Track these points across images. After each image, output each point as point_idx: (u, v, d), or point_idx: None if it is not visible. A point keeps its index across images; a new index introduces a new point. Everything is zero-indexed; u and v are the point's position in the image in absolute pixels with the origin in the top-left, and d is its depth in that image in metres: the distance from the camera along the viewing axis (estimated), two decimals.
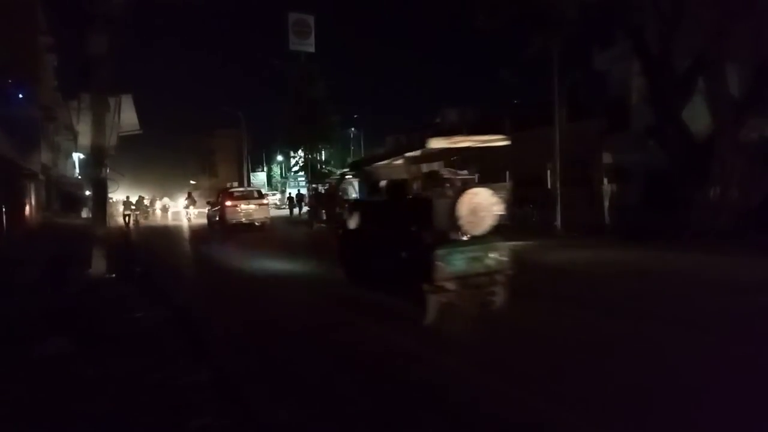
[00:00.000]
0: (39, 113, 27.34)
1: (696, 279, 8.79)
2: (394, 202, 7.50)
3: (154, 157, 78.39)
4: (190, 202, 28.53)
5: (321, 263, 11.08)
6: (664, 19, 14.59)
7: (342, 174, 12.76)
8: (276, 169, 71.42)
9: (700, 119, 14.99)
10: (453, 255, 6.20)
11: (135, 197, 32.02)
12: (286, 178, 63.35)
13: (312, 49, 33.55)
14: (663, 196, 15.05)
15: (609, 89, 22.64)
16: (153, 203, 41.37)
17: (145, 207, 35.97)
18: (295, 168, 52.38)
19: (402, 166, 8.11)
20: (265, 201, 24.79)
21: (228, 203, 22.53)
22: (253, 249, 15.92)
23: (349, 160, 39.28)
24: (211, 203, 26.63)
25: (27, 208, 23.58)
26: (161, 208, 42.46)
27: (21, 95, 25.08)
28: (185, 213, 28.48)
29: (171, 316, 7.30)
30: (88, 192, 27.11)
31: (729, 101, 14.02)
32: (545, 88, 17.25)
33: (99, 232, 10.31)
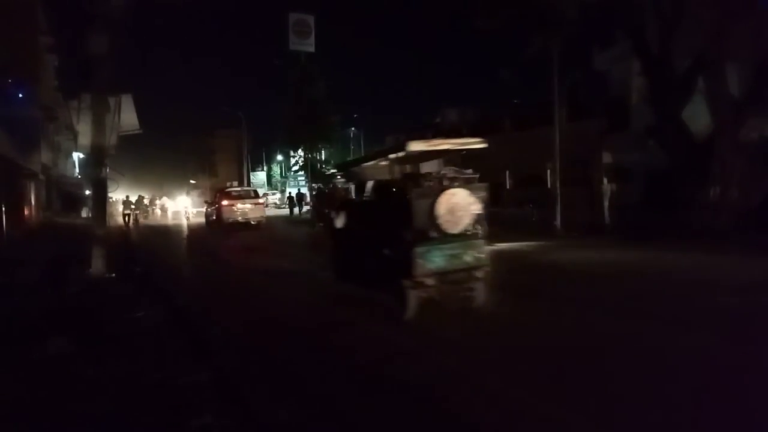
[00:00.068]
0: (39, 113, 27.35)
1: (696, 279, 8.78)
2: (377, 201, 7.74)
3: (154, 157, 78.56)
4: (188, 201, 28.68)
5: (321, 263, 11.06)
6: (664, 19, 14.60)
7: (330, 174, 12.84)
8: (276, 169, 71.48)
9: (700, 119, 14.99)
10: (432, 252, 6.45)
11: (135, 197, 32.09)
12: (286, 177, 63.41)
13: (312, 49, 33.53)
14: (663, 195, 15.05)
15: (609, 89, 22.66)
16: (153, 203, 41.46)
17: (145, 206, 36.08)
18: (295, 168, 52.40)
19: (386, 167, 8.30)
20: (261, 201, 25.31)
21: (224, 203, 22.84)
22: (254, 249, 15.92)
23: (349, 159, 39.31)
24: (209, 202, 26.83)
25: (27, 207, 23.60)
26: (161, 207, 42.52)
27: (21, 95, 25.10)
28: (184, 212, 28.63)
29: (171, 315, 7.31)
30: (88, 192, 27.15)
31: (729, 101, 14.03)
32: (545, 88, 17.23)
33: (99, 231, 10.31)
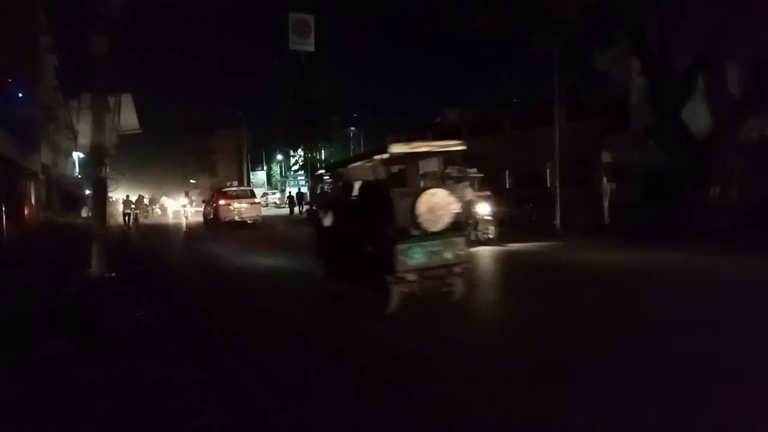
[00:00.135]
0: (39, 113, 27.38)
1: (696, 278, 8.79)
2: (362, 201, 8.10)
3: (153, 157, 78.51)
4: (187, 201, 28.88)
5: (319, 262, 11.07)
6: (664, 19, 14.60)
7: (319, 175, 12.93)
8: (276, 168, 71.49)
9: (699, 118, 14.99)
10: (413, 249, 6.73)
11: (135, 196, 32.10)
12: (285, 177, 63.43)
13: (312, 49, 33.57)
14: (663, 195, 15.06)
15: (609, 89, 22.67)
16: (153, 202, 41.48)
17: (145, 206, 36.09)
18: (295, 167, 52.40)
19: (371, 168, 8.54)
20: (257, 200, 25.95)
21: (221, 202, 23.31)
22: (254, 249, 15.92)
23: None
24: (207, 202, 27.10)
25: (27, 207, 23.60)
26: (160, 207, 42.53)
27: (21, 95, 25.14)
28: (183, 212, 28.82)
29: (171, 315, 7.32)
30: (88, 191, 27.18)
31: (729, 100, 14.03)
32: (545, 88, 17.25)
33: (99, 231, 10.32)
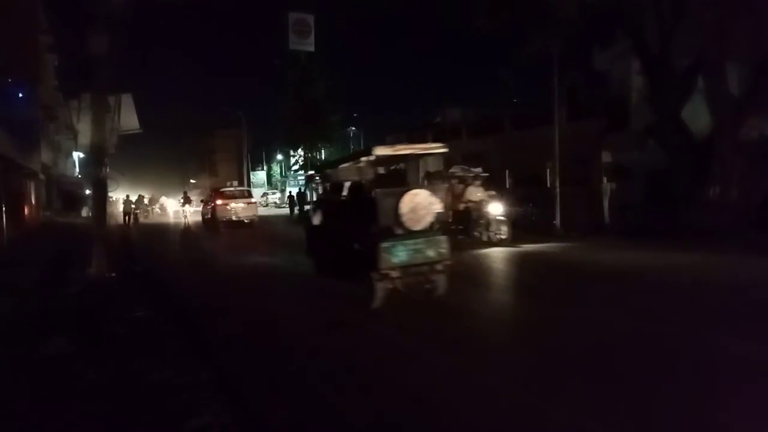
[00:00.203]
0: (39, 113, 27.37)
1: (696, 278, 8.79)
2: (349, 201, 8.37)
3: (153, 157, 78.73)
4: (185, 201, 29.00)
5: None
6: (663, 19, 14.59)
7: (310, 176, 12.99)
8: (276, 168, 71.41)
9: (699, 118, 14.98)
10: (396, 247, 7.02)
11: (135, 196, 32.10)
12: (286, 177, 63.33)
13: (312, 49, 33.62)
14: (663, 195, 15.04)
15: (609, 89, 22.67)
16: (153, 202, 41.48)
17: (145, 206, 36.11)
18: (295, 167, 52.39)
19: (358, 169, 8.70)
20: (254, 200, 26.25)
21: (219, 202, 23.59)
22: (254, 249, 15.92)
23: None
24: (204, 201, 27.28)
25: (27, 207, 23.60)
26: (160, 206, 42.54)
27: (21, 95, 25.14)
28: (182, 212, 29.00)
29: (171, 315, 7.32)
30: (88, 191, 27.22)
31: (729, 100, 14.02)
32: (545, 88, 17.25)
33: (99, 231, 10.32)
